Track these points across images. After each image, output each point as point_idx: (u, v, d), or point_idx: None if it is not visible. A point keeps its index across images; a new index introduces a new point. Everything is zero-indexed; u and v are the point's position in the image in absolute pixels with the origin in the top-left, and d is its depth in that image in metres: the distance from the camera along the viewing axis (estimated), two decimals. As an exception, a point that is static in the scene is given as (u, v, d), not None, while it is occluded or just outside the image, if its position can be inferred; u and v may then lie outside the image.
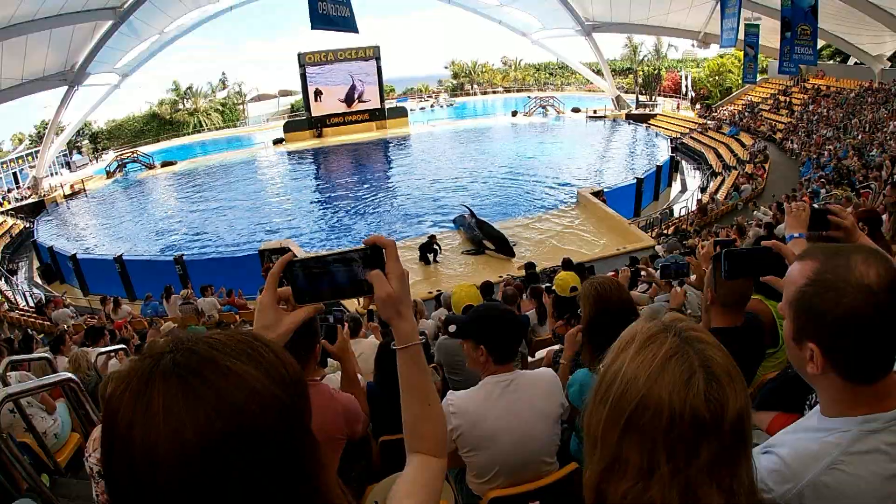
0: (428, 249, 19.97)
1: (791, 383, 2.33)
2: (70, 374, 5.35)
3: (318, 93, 50.72)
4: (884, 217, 6.00)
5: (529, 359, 5.69)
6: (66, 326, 13.07)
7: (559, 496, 2.78)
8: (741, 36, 25.07)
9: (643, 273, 8.76)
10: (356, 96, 51.90)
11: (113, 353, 8.06)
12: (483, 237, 20.57)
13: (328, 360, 4.20)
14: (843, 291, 1.35)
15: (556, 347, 4.80)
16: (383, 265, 1.37)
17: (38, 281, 26.20)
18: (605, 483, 1.13)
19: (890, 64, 35.01)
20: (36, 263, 27.72)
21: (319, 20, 21.37)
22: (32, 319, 17.80)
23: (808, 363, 1.44)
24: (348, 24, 22.74)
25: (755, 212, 18.73)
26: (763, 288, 3.52)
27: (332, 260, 1.38)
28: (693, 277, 4.19)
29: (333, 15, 21.59)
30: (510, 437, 2.78)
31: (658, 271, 5.44)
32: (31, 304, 21.52)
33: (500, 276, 15.65)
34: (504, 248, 19.98)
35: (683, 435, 1.03)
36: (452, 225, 24.02)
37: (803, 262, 1.47)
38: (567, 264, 11.73)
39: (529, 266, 14.06)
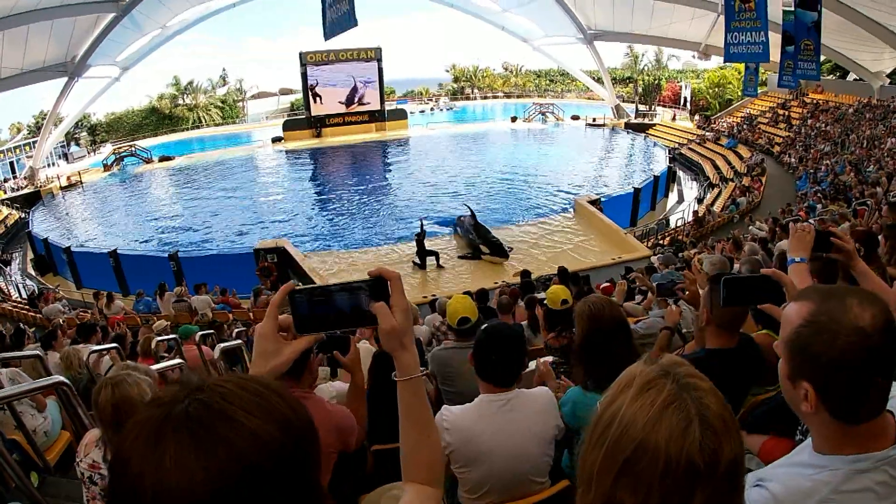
0: (426, 252, 19.89)
1: (784, 407, 2.34)
2: (62, 378, 5.30)
3: (316, 95, 50.73)
4: (879, 238, 5.99)
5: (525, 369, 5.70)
6: (60, 321, 13.01)
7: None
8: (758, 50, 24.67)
9: (638, 283, 8.77)
10: (356, 99, 51.91)
11: (105, 352, 8.01)
12: (479, 241, 20.59)
13: (338, 371, 4.19)
14: (837, 333, 1.37)
15: (550, 359, 4.81)
16: (388, 297, 1.37)
17: (32, 272, 26.11)
18: None
19: (889, 81, 35.19)
20: (30, 255, 27.61)
21: (330, 29, 21.57)
22: (25, 312, 17.74)
23: (803, 402, 1.46)
24: (349, 21, 22.82)
25: (751, 226, 18.77)
26: (771, 323, 3.53)
27: (336, 290, 1.38)
28: (686, 294, 4.20)
29: (337, 17, 21.69)
30: (503, 456, 2.77)
31: (655, 288, 5.45)
32: (24, 296, 21.44)
33: (496, 283, 15.66)
34: (498, 251, 20.04)
35: (678, 482, 1.04)
36: (451, 230, 24.02)
37: (799, 302, 1.50)
38: (562, 273, 11.73)
39: (525, 274, 14.07)
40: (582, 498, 1.18)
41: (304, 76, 50.28)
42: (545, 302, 5.86)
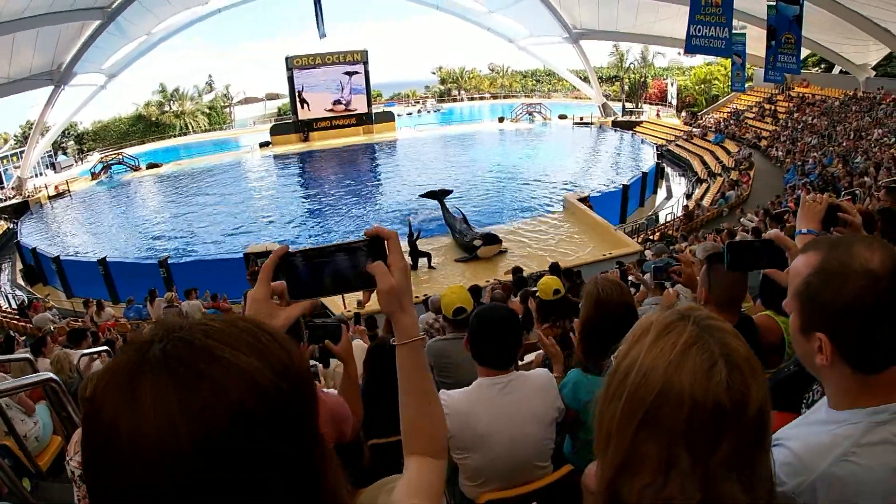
0: (419, 253, 19.85)
1: (787, 383, 2.32)
2: (51, 374, 5.26)
3: (303, 101, 50.73)
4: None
5: (518, 362, 5.66)
6: (51, 328, 12.93)
7: (554, 498, 2.75)
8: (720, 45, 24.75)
9: (630, 277, 8.75)
10: (343, 104, 51.88)
11: (96, 355, 7.95)
12: (472, 235, 20.63)
13: (329, 361, 4.13)
14: (847, 278, 1.36)
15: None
16: (385, 257, 1.31)
17: (21, 283, 25.94)
18: (621, 480, 1.09)
19: (874, 73, 35.41)
20: (19, 265, 27.42)
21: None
22: (15, 322, 17.60)
23: (817, 355, 1.43)
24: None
25: (742, 218, 18.86)
26: (773, 304, 3.51)
27: (331, 252, 1.31)
28: (682, 276, 4.17)
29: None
30: (503, 439, 2.73)
31: (650, 273, 5.42)
32: (14, 306, 21.30)
33: (488, 281, 15.63)
34: (491, 240, 20.19)
35: (704, 426, 1.00)
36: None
37: (807, 253, 1.48)
38: (555, 269, 11.71)
39: (517, 270, 14.05)
40: (601, 455, 1.14)
41: (291, 80, 50.16)
42: (537, 294, 5.84)
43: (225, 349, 0.78)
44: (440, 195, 24.09)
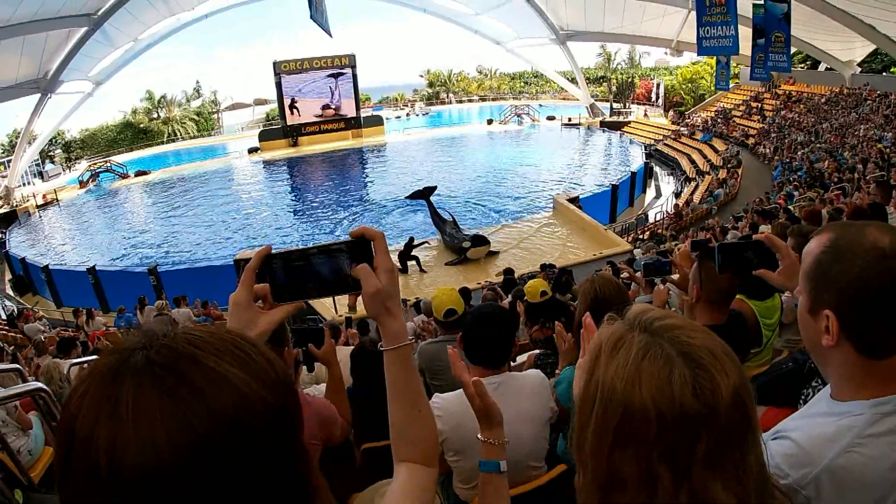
0: (408, 257, 19.84)
1: (784, 378, 2.32)
2: (40, 384, 5.21)
3: (294, 107, 50.67)
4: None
5: (511, 363, 5.66)
6: (41, 338, 12.85)
7: (549, 498, 2.75)
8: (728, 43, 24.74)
9: (623, 274, 8.77)
10: (332, 107, 51.83)
11: (86, 365, 7.89)
12: (461, 237, 20.63)
13: (314, 365, 4.10)
14: (856, 255, 1.37)
15: (537, 351, 4.77)
16: (371, 259, 1.27)
17: (10, 293, 25.74)
18: (605, 502, 1.05)
19: (860, 69, 35.62)
20: (8, 275, 27.25)
21: (316, 21, 21.80)
22: (5, 332, 17.47)
23: (824, 336, 1.43)
24: (326, 28, 23.03)
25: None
26: (745, 288, 3.52)
27: (315, 253, 1.27)
28: (676, 276, 4.16)
29: (319, 19, 21.87)
30: (497, 440, 2.72)
31: (640, 270, 5.43)
32: (4, 317, 21.14)
33: (479, 284, 15.65)
34: (480, 241, 20.28)
35: (677, 435, 0.96)
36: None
37: (819, 235, 1.50)
38: (547, 269, 11.75)
39: (508, 272, 14.06)
40: (581, 481, 1.11)
41: (279, 85, 50.08)
42: (525, 297, 5.85)
43: (209, 357, 0.77)
44: (426, 194, 24.04)
